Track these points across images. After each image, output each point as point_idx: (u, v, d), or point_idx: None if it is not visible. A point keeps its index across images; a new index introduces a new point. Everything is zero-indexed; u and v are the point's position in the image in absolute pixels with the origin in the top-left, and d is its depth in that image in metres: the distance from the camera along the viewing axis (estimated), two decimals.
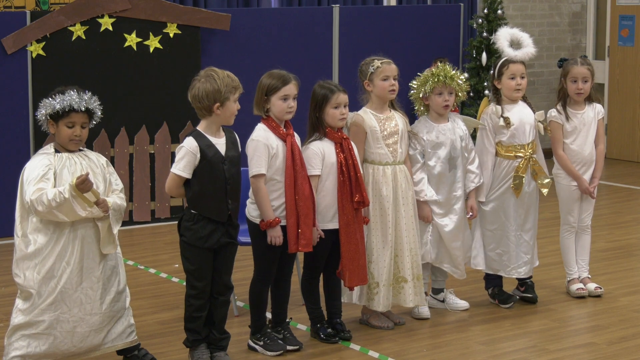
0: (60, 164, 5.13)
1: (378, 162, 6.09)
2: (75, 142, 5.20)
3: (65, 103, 5.11)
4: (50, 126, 5.19)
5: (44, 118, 5.17)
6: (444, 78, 6.25)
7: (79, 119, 5.16)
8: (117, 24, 8.81)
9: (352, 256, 5.84)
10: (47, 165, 5.08)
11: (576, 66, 6.62)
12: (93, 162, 5.27)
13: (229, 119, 5.43)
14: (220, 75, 5.38)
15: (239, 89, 5.42)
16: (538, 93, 11.81)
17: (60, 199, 4.94)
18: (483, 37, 10.53)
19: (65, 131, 5.15)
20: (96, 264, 5.19)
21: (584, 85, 6.62)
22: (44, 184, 5.02)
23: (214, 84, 5.35)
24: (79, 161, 5.20)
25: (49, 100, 5.14)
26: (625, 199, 10.23)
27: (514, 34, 6.65)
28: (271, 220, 5.60)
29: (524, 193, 6.49)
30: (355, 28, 10.11)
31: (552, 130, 6.67)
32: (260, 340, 5.79)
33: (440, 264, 6.42)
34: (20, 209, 5.16)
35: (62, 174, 5.11)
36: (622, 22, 12.18)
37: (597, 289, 6.84)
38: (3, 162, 8.54)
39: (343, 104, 5.85)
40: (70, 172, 5.12)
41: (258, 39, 9.58)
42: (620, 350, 5.88)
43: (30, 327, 5.10)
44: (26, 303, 5.11)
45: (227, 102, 5.37)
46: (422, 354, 5.84)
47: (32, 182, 5.02)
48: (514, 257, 6.53)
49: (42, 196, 4.97)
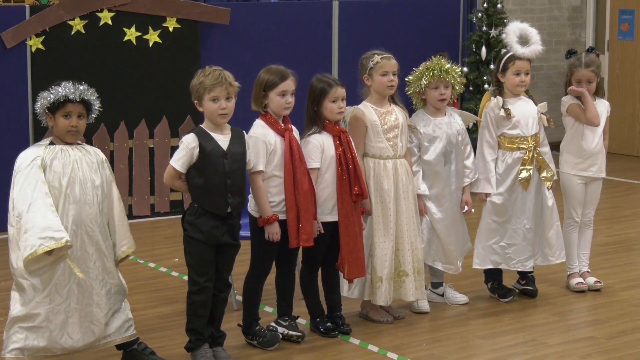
0: (52, 154, 5.12)
1: (379, 156, 6.09)
2: (72, 133, 5.18)
3: (60, 94, 5.12)
4: (49, 119, 5.19)
5: (42, 111, 5.18)
6: (439, 72, 6.25)
7: (75, 109, 5.15)
8: (116, 18, 8.80)
9: (351, 248, 5.85)
10: (34, 158, 5.08)
11: (580, 69, 6.62)
12: (90, 154, 5.25)
13: (211, 117, 5.39)
14: (206, 71, 5.39)
15: (219, 87, 5.33)
16: (538, 87, 11.80)
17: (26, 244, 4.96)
18: (483, 31, 10.51)
19: (62, 122, 5.15)
20: (89, 254, 5.19)
21: (587, 87, 6.63)
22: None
23: (194, 80, 5.41)
24: (73, 153, 5.18)
25: (46, 93, 5.16)
26: (625, 194, 10.23)
27: (523, 30, 6.63)
28: (268, 217, 5.61)
29: (532, 186, 6.49)
30: (354, 22, 10.10)
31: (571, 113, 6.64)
32: (254, 340, 5.79)
33: (433, 262, 6.41)
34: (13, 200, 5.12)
35: (52, 164, 5.10)
36: (621, 16, 12.17)
37: (597, 283, 6.84)
38: (2, 156, 8.53)
39: (341, 97, 5.85)
40: (61, 162, 5.11)
41: (257, 33, 9.57)
42: (619, 344, 5.88)
43: (28, 320, 5.09)
44: (23, 295, 5.09)
45: (203, 100, 5.37)
46: (422, 348, 5.84)
47: (25, 186, 5.02)
48: (520, 250, 6.52)
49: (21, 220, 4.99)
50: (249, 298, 5.82)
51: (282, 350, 5.76)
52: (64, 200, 5.09)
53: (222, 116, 5.38)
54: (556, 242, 6.63)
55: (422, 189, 6.29)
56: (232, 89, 5.39)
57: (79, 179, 5.14)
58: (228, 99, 5.38)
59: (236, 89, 5.43)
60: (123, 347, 5.46)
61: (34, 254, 4.92)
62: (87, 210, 5.15)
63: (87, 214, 5.15)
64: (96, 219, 5.20)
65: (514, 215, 6.52)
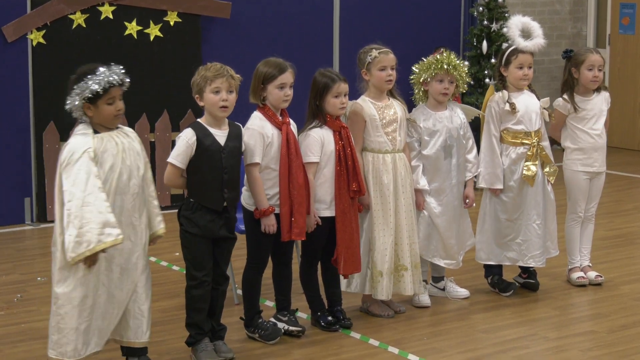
0: (101, 145, 4.95)
1: (378, 151, 6.09)
2: (119, 117, 5.06)
3: (103, 82, 4.95)
4: (86, 110, 4.97)
5: (79, 103, 4.94)
6: (448, 66, 6.24)
7: (117, 92, 5.01)
8: (117, 12, 8.79)
9: (348, 244, 5.86)
10: (85, 150, 4.87)
11: (592, 54, 6.64)
12: (131, 139, 5.10)
13: (212, 110, 5.37)
14: (208, 66, 5.39)
15: (220, 78, 5.33)
16: (539, 81, 11.79)
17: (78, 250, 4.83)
18: (484, 25, 10.50)
19: (107, 109, 4.98)
20: (132, 243, 5.11)
21: (599, 73, 6.65)
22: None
23: (196, 76, 5.40)
24: (119, 141, 5.02)
25: (83, 84, 4.94)
26: (626, 188, 10.23)
27: (525, 23, 6.63)
28: (265, 209, 5.61)
29: (538, 181, 6.49)
30: (355, 16, 10.10)
31: (555, 117, 6.69)
32: (255, 333, 5.80)
33: (432, 258, 6.40)
34: (59, 194, 4.93)
35: (103, 156, 4.93)
36: (622, 10, 12.16)
37: (598, 278, 6.84)
38: (4, 149, 8.54)
39: (344, 93, 5.85)
40: (110, 153, 4.95)
41: (258, 27, 9.56)
42: (620, 338, 5.89)
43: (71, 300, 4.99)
44: (63, 273, 4.99)
45: (204, 93, 5.36)
46: (423, 342, 5.84)
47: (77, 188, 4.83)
48: (533, 246, 6.51)
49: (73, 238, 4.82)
50: (249, 290, 5.82)
51: (282, 344, 5.76)
52: (113, 193, 4.98)
53: (222, 109, 5.37)
54: (556, 235, 6.65)
55: (421, 184, 6.28)
56: (233, 82, 5.39)
57: (127, 169, 5.03)
58: (230, 91, 5.37)
59: (238, 83, 5.42)
60: (128, 353, 5.33)
61: (92, 250, 4.81)
62: (132, 200, 5.06)
63: (132, 204, 5.06)
64: (140, 208, 5.13)
65: (525, 211, 6.51)
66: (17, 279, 7.09)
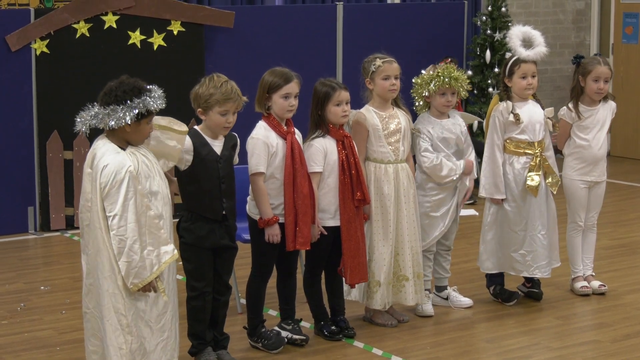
0: (135, 161, 4.79)
1: (380, 161, 6.09)
2: (148, 137, 4.95)
3: (159, 102, 4.94)
4: (132, 125, 4.80)
5: (130, 117, 4.79)
6: (449, 79, 6.24)
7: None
8: (121, 21, 8.81)
9: (353, 253, 5.85)
10: (127, 169, 4.70)
11: (599, 66, 6.61)
12: (149, 158, 4.95)
13: (214, 129, 5.37)
14: (216, 82, 5.34)
15: (231, 102, 5.31)
16: (542, 90, 11.78)
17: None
18: (487, 34, 10.51)
19: (146, 129, 4.88)
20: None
21: (604, 86, 6.63)
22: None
23: (203, 89, 5.36)
24: (144, 160, 4.87)
25: (143, 99, 4.91)
26: (629, 197, 10.23)
27: (526, 32, 6.62)
28: (269, 219, 5.61)
29: (542, 192, 6.48)
30: (359, 25, 10.11)
31: (560, 127, 6.69)
32: (258, 342, 5.79)
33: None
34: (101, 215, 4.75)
35: (140, 172, 4.79)
36: (626, 19, 12.17)
37: (601, 287, 6.84)
38: (8, 158, 8.55)
39: (345, 101, 5.85)
40: (143, 168, 4.82)
41: (262, 36, 9.58)
42: (624, 348, 5.88)
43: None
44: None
45: (210, 111, 5.34)
46: (426, 351, 5.84)
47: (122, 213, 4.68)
48: (538, 256, 6.51)
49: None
50: (253, 300, 5.82)
51: (286, 354, 5.76)
52: (162, 205, 4.88)
53: (225, 129, 5.40)
54: (557, 245, 6.65)
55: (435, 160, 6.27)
56: (240, 103, 5.39)
57: (163, 180, 4.94)
58: (234, 113, 5.39)
59: (243, 103, 5.43)
60: None
61: (157, 271, 4.74)
62: (170, 209, 4.98)
63: (168, 214, 4.97)
64: (171, 216, 5.02)
65: (530, 222, 6.50)
66: (20, 288, 7.09)
